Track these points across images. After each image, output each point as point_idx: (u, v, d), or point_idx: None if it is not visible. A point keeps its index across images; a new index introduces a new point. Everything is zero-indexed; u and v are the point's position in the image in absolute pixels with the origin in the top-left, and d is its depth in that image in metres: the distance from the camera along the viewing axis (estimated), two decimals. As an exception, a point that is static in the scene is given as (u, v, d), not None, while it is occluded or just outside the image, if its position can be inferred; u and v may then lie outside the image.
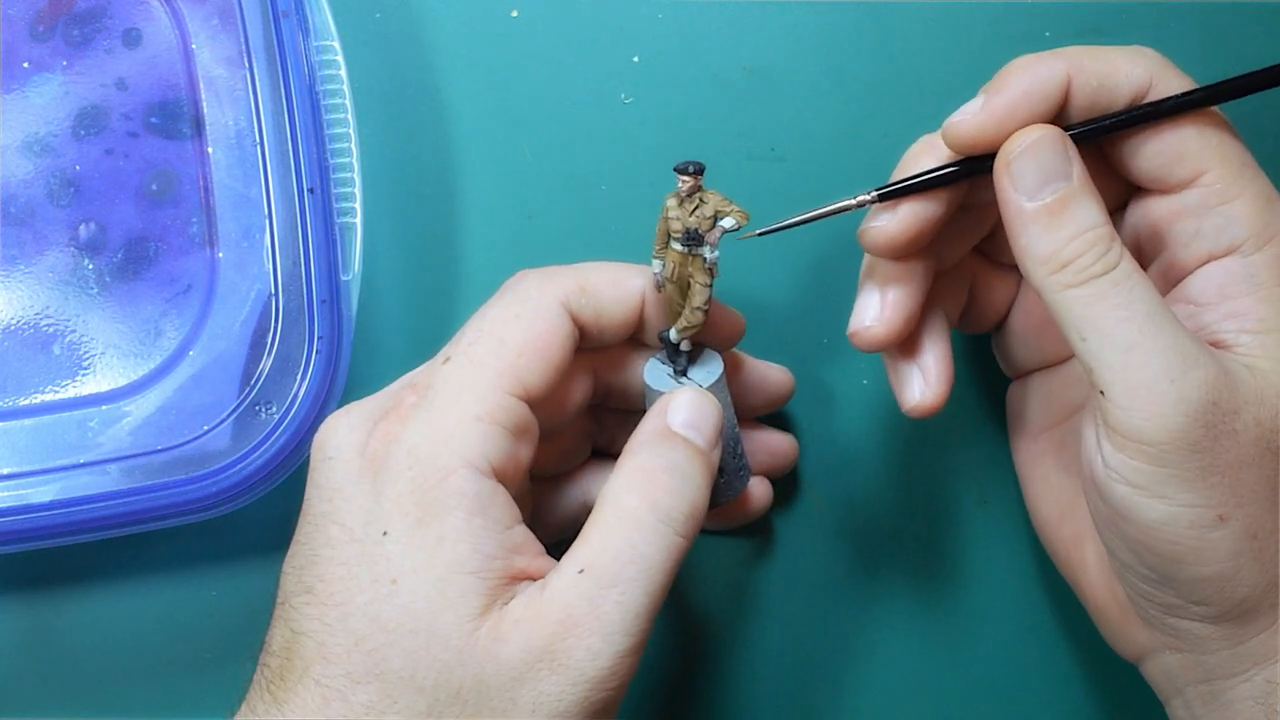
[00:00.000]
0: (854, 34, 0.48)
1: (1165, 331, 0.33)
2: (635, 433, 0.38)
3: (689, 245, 0.38)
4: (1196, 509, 0.33)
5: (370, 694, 0.33)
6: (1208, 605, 0.35)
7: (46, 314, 0.43)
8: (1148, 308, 0.33)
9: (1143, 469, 0.33)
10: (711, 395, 0.39)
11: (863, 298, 0.39)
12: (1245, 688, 0.36)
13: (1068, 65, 0.36)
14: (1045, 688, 0.47)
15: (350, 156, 0.43)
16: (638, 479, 0.36)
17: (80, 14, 0.44)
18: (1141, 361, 0.33)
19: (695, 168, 0.38)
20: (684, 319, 0.39)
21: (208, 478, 0.41)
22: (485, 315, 0.38)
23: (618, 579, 0.34)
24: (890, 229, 0.37)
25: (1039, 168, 0.35)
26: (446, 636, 0.33)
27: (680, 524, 0.35)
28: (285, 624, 0.35)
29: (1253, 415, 0.34)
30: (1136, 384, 0.33)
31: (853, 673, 0.47)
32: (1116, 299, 0.33)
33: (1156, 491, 0.33)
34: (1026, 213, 0.35)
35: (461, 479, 0.35)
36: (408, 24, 0.48)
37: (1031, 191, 0.35)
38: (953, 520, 0.47)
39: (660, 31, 0.48)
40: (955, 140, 0.36)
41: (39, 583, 0.46)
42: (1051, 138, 0.35)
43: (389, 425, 0.36)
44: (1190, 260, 0.37)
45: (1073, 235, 0.34)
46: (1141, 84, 0.36)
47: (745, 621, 0.47)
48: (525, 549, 0.36)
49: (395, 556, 0.34)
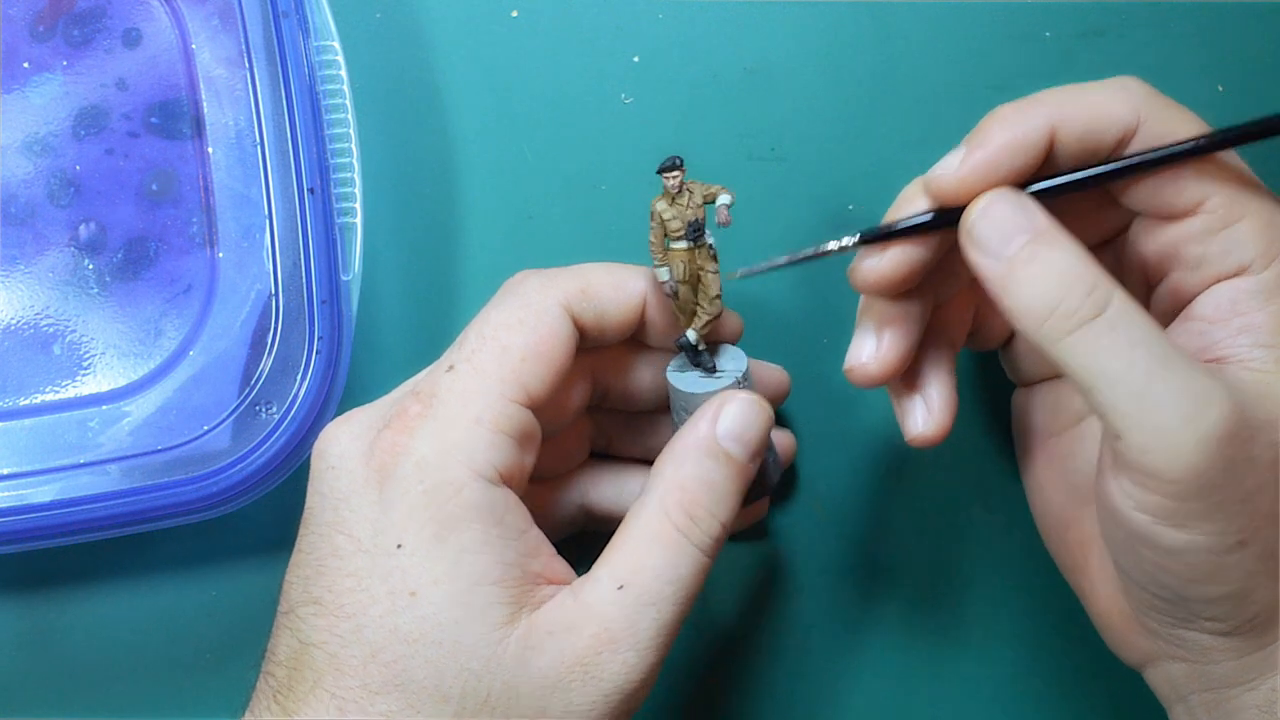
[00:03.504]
0: (854, 34, 0.48)
1: (1175, 371, 0.32)
2: (679, 437, 0.37)
3: (695, 238, 0.38)
4: (1216, 536, 0.33)
5: (390, 704, 0.33)
6: (1219, 621, 0.35)
7: (46, 314, 0.43)
8: (1151, 347, 0.32)
9: (1163, 503, 0.33)
10: (764, 402, 0.38)
11: (859, 334, 0.39)
12: (1250, 696, 0.35)
13: (1049, 115, 0.35)
14: (1047, 691, 0.47)
15: (350, 156, 0.43)
16: (678, 496, 0.36)
17: (80, 14, 0.44)
18: (1154, 406, 0.32)
19: (680, 161, 0.38)
20: (704, 313, 0.39)
21: (208, 478, 0.41)
22: (487, 320, 0.37)
23: (656, 598, 0.35)
24: (880, 269, 0.37)
25: (998, 228, 0.34)
26: (474, 646, 0.34)
27: (712, 546, 0.36)
28: (292, 634, 0.35)
29: (1268, 438, 0.33)
30: (1151, 429, 0.32)
31: (852, 674, 0.47)
32: (1116, 342, 0.33)
33: (1176, 522, 0.33)
34: (999, 273, 0.34)
35: (474, 491, 0.35)
36: (408, 24, 0.48)
37: (997, 252, 0.34)
38: (954, 522, 0.47)
39: (660, 31, 0.48)
40: (936, 194, 0.36)
41: (39, 583, 0.46)
42: (1003, 196, 0.35)
43: (394, 434, 0.36)
44: (1199, 282, 0.36)
45: (1052, 281, 0.33)
46: (1128, 123, 0.35)
47: (743, 622, 0.47)
48: (539, 551, 0.36)
49: (413, 569, 0.34)
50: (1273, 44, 0.48)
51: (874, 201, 0.47)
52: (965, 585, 0.47)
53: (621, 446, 0.44)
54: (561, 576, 0.36)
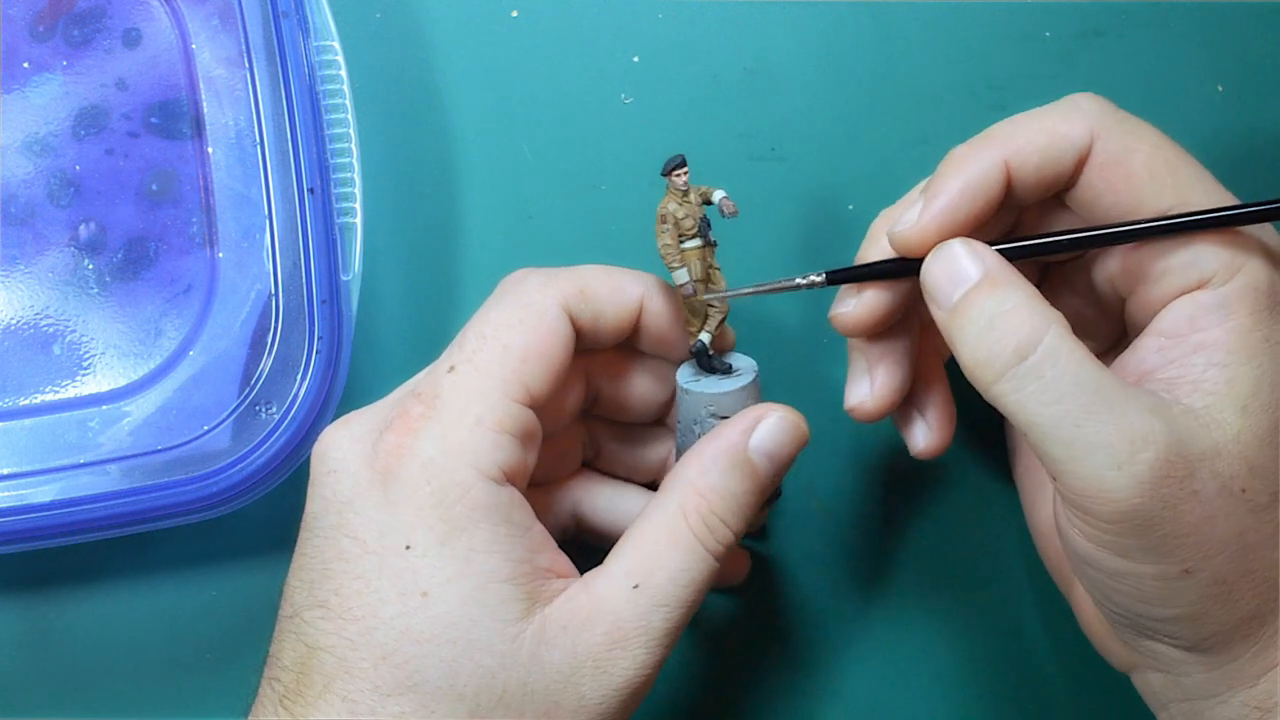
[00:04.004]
0: (854, 34, 0.48)
1: (1105, 414, 0.32)
2: (711, 439, 0.37)
3: (706, 236, 0.39)
4: (1160, 566, 0.33)
5: (403, 706, 0.34)
6: (1177, 639, 0.35)
7: (46, 314, 0.43)
8: (1080, 390, 0.32)
9: (1102, 536, 0.33)
10: (802, 421, 0.38)
11: (852, 375, 0.40)
12: (1223, 709, 0.35)
13: (1002, 150, 0.35)
14: (1047, 692, 0.47)
15: (350, 156, 0.43)
16: (699, 503, 0.36)
17: (80, 14, 0.44)
18: (1083, 454, 0.32)
19: (684, 159, 0.38)
20: (716, 311, 0.39)
21: (208, 478, 0.41)
22: (487, 319, 0.37)
23: (669, 599, 0.35)
24: (856, 315, 0.38)
25: (944, 279, 0.35)
26: (489, 644, 0.34)
27: (725, 553, 0.37)
28: (297, 638, 0.35)
29: (1210, 470, 0.33)
30: (1083, 475, 0.32)
31: (852, 676, 0.47)
32: (1041, 389, 0.33)
33: (1118, 551, 0.33)
34: (944, 322, 0.35)
35: (481, 491, 0.35)
36: (408, 24, 0.48)
37: (944, 303, 0.35)
38: (954, 522, 0.47)
39: (660, 31, 0.48)
40: (900, 247, 0.36)
41: (39, 583, 0.46)
42: (949, 248, 0.35)
43: (398, 436, 0.36)
44: (1162, 296, 0.36)
45: (979, 328, 0.34)
46: (1082, 143, 0.35)
47: (743, 623, 0.47)
48: (544, 546, 0.36)
49: (424, 569, 0.34)
50: (1273, 44, 0.48)
51: (874, 201, 0.47)
52: (965, 585, 0.47)
53: (610, 457, 0.44)
54: (565, 570, 0.37)
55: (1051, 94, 0.37)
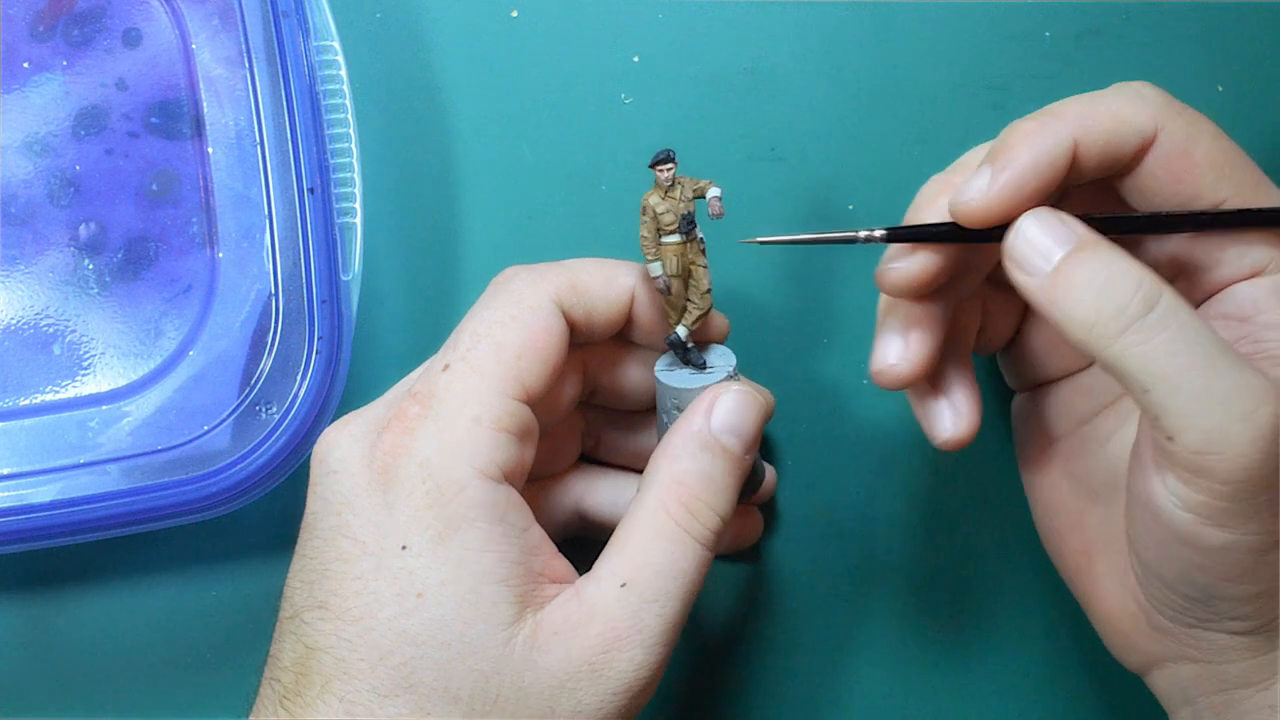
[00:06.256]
0: (854, 34, 0.48)
1: (1230, 368, 0.32)
2: (675, 430, 0.37)
3: (687, 232, 0.38)
4: (1257, 535, 0.33)
5: (400, 707, 0.33)
6: (1243, 620, 0.35)
7: (46, 314, 0.43)
8: (1205, 345, 0.32)
9: (1212, 503, 0.33)
10: (759, 391, 0.38)
11: (883, 337, 0.38)
12: (1260, 697, 0.36)
13: (1072, 128, 0.35)
14: (1047, 692, 0.47)
15: (350, 156, 0.43)
16: (676, 491, 0.36)
17: (80, 14, 0.44)
18: (1209, 407, 0.32)
19: (672, 154, 0.38)
20: (694, 308, 0.39)
21: (208, 478, 0.41)
22: (480, 317, 0.37)
23: (659, 594, 0.35)
24: (909, 271, 0.37)
25: (1036, 246, 0.34)
26: (482, 646, 0.34)
27: (713, 539, 0.36)
28: (297, 639, 0.35)
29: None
30: (1210, 428, 0.32)
31: (851, 678, 0.47)
32: (1169, 340, 0.32)
33: (1221, 522, 0.33)
34: (1043, 288, 0.34)
35: (477, 489, 0.35)
36: (408, 24, 0.48)
37: (1040, 269, 0.34)
38: (955, 523, 0.47)
39: (660, 31, 0.48)
40: (965, 218, 0.35)
41: (39, 583, 0.46)
42: (1039, 216, 0.35)
43: (395, 436, 0.36)
44: (1215, 284, 0.36)
45: (1098, 285, 0.33)
46: (1147, 133, 0.35)
47: (741, 623, 0.47)
48: (541, 549, 0.36)
49: (419, 570, 0.34)
50: (1273, 44, 0.48)
51: (874, 201, 0.47)
52: (964, 585, 0.47)
53: (610, 446, 0.44)
54: (563, 575, 0.36)
55: (1051, 94, 0.37)
